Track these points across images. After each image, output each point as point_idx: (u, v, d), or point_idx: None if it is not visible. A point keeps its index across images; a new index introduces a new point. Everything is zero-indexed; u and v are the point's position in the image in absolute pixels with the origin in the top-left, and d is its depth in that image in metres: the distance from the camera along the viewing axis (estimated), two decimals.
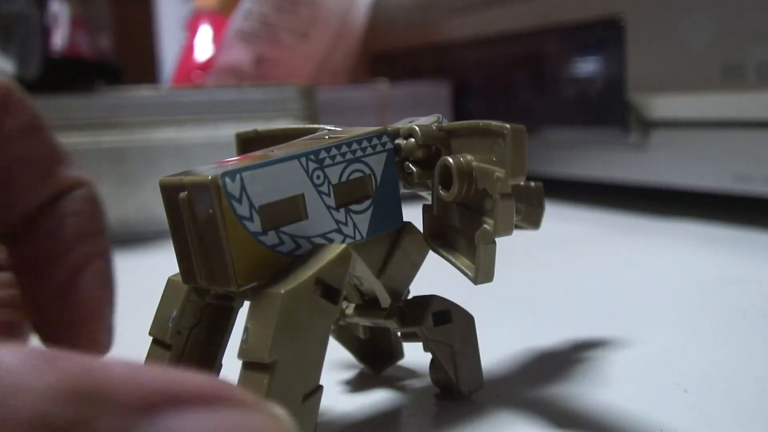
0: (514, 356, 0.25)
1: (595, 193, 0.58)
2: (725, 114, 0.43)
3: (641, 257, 0.40)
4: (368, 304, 0.22)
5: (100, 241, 0.21)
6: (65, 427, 0.10)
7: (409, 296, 0.22)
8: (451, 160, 0.19)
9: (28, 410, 0.10)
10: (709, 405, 0.20)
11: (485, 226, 0.18)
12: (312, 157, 0.18)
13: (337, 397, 0.22)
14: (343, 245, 0.18)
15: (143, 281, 0.23)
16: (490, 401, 0.21)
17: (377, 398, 0.22)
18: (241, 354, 0.16)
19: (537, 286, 0.35)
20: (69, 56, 0.59)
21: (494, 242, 0.18)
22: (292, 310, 0.16)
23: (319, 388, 0.17)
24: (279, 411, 0.12)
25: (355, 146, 0.19)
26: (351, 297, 0.22)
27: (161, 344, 0.19)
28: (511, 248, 0.42)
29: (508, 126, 0.17)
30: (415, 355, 0.23)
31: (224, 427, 0.11)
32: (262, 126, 0.23)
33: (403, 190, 0.21)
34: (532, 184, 0.24)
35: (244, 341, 0.16)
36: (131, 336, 0.20)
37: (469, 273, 0.18)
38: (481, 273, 0.18)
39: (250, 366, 0.16)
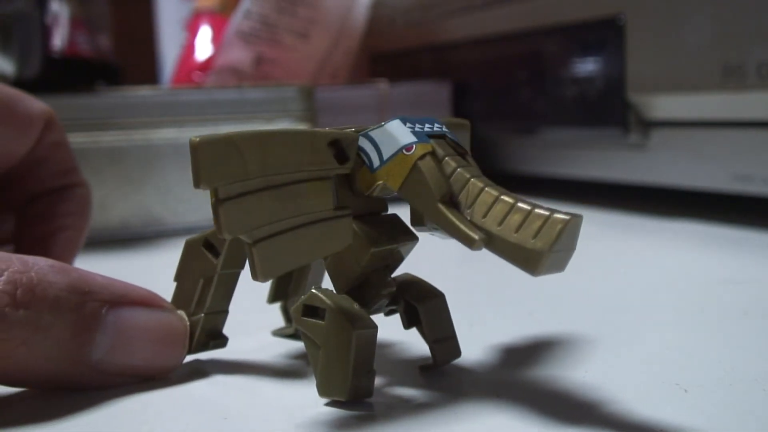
0: (514, 356, 0.25)
1: (595, 193, 0.58)
2: (725, 114, 0.43)
3: (641, 257, 0.40)
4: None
5: (79, 221, 0.32)
6: (70, 304, 0.20)
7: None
8: None
9: (53, 294, 0.20)
10: (709, 405, 0.20)
11: None
12: None
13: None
14: None
15: (142, 281, 0.23)
16: (490, 401, 0.21)
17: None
18: None
19: (536, 285, 0.35)
20: (69, 56, 0.59)
21: (252, 243, 0.19)
22: (186, 253, 0.24)
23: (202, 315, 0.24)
24: (183, 315, 0.23)
25: None
26: None
27: None
28: None
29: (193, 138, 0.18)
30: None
31: (152, 319, 0.22)
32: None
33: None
34: (561, 216, 0.17)
35: None
36: None
37: None
38: (251, 271, 0.19)
39: None
